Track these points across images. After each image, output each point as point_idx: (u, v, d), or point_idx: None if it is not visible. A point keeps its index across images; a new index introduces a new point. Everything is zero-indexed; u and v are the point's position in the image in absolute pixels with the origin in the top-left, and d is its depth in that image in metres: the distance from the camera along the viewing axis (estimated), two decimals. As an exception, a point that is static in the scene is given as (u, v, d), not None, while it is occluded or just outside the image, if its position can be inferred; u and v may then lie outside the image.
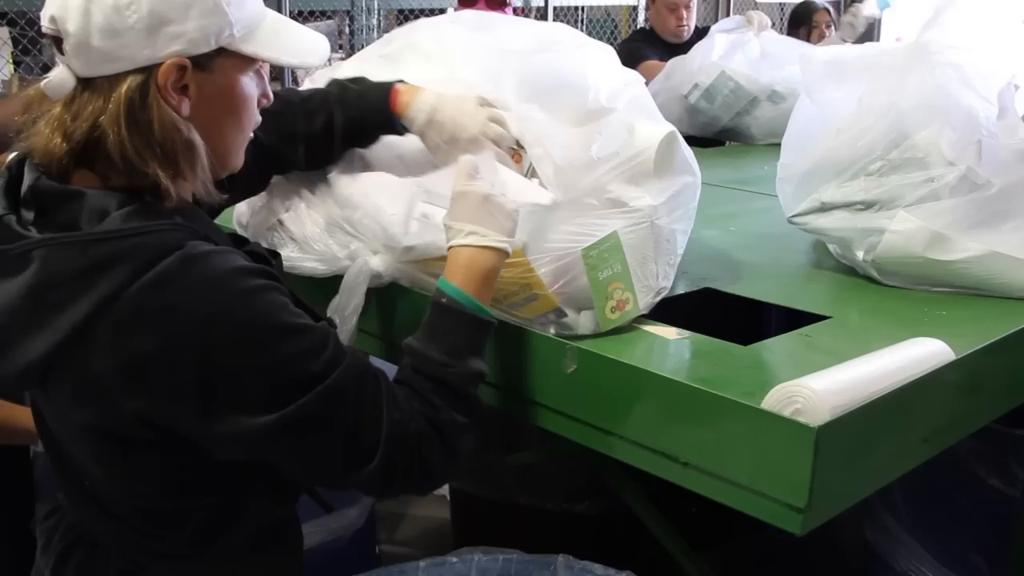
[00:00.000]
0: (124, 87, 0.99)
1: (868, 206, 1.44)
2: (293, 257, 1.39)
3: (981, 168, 1.38)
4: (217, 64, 1.04)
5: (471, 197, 1.15)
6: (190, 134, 1.02)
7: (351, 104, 1.38)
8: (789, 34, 4.66)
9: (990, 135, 1.40)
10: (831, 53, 1.63)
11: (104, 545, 1.14)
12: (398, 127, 1.38)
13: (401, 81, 1.39)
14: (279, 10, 4.60)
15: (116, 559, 1.13)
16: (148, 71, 1.00)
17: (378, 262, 1.31)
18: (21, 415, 1.48)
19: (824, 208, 1.48)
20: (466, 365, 1.09)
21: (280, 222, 1.44)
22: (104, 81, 0.99)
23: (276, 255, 1.27)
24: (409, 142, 1.41)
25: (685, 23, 3.74)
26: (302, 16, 4.96)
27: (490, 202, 1.15)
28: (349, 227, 1.35)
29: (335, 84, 1.42)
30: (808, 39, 4.48)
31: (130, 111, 0.99)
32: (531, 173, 1.33)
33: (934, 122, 1.39)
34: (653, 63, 3.44)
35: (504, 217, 1.15)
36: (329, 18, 5.08)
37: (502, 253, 1.14)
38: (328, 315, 1.31)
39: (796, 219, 1.53)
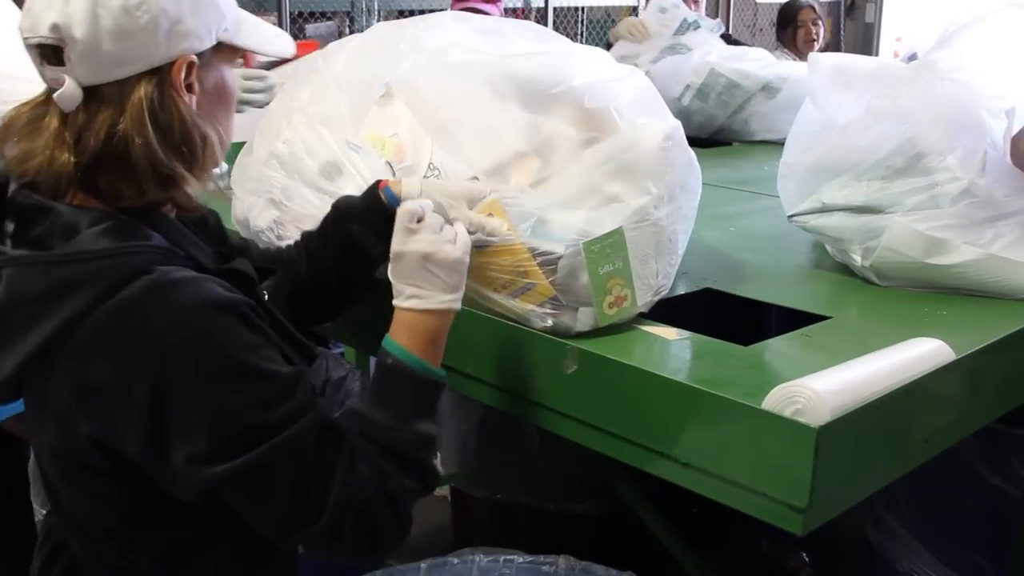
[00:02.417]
0: (140, 90, 0.97)
1: (868, 210, 1.44)
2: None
3: (984, 180, 1.37)
4: (214, 58, 1.04)
5: (410, 257, 1.09)
6: (204, 127, 1.02)
7: (340, 203, 1.30)
8: (778, 35, 4.68)
9: (996, 148, 1.41)
10: (839, 59, 1.63)
11: (79, 556, 1.12)
12: (389, 201, 1.24)
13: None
14: (279, 11, 4.59)
15: (91, 571, 1.11)
16: (160, 72, 0.99)
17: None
18: None
19: (825, 209, 1.48)
20: (414, 428, 1.05)
21: (280, 220, 1.44)
22: (111, 88, 0.97)
23: (271, 272, 1.24)
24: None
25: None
26: (302, 17, 4.96)
27: (431, 260, 1.08)
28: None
29: None
30: (795, 39, 4.51)
31: (152, 112, 0.97)
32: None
33: (940, 130, 1.39)
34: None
35: (447, 273, 1.08)
36: (329, 19, 5.08)
37: (447, 314, 1.10)
38: None
39: (796, 218, 1.53)
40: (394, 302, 1.10)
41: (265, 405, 0.95)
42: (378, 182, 1.27)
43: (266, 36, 1.11)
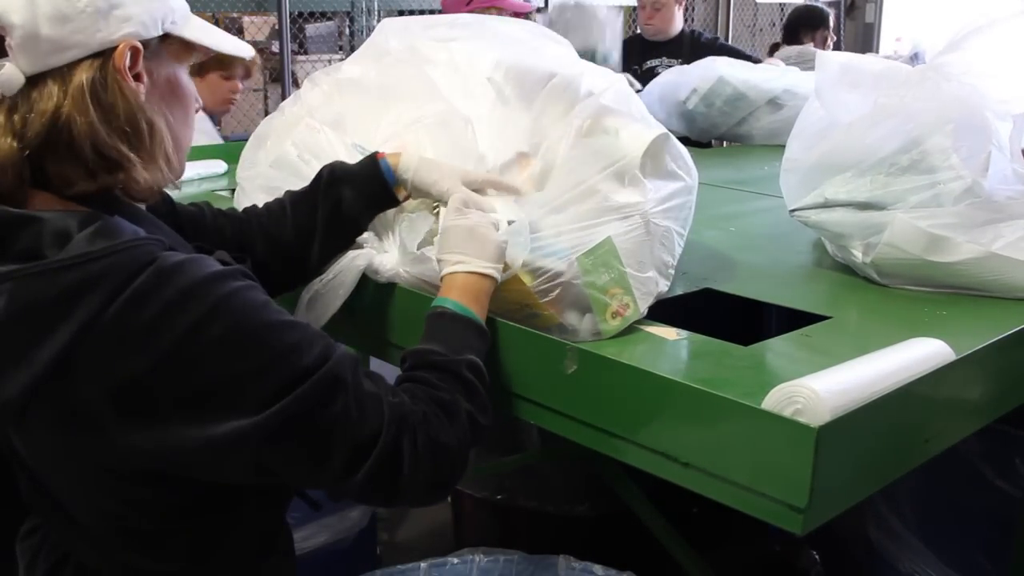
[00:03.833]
0: (82, 74, 0.97)
1: (870, 207, 1.44)
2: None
3: (987, 182, 1.38)
4: (164, 51, 1.06)
5: (457, 231, 1.20)
6: (152, 115, 1.02)
7: (336, 166, 1.36)
8: (797, 37, 4.72)
9: (1001, 150, 1.41)
10: (847, 58, 1.63)
11: (92, 566, 1.10)
12: (385, 173, 1.33)
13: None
14: (279, 11, 4.59)
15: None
16: (103, 56, 0.99)
17: (383, 261, 1.31)
18: None
19: (827, 204, 1.48)
20: (466, 356, 1.10)
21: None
22: (55, 74, 0.97)
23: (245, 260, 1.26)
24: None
25: (648, 22, 3.97)
26: (302, 17, 4.96)
27: (475, 233, 1.19)
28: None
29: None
30: (824, 45, 4.60)
31: (94, 93, 0.97)
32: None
33: (946, 130, 1.40)
34: None
35: (490, 246, 1.19)
36: (329, 19, 5.08)
37: (491, 279, 1.18)
38: (311, 291, 1.32)
39: (798, 213, 1.53)
40: (442, 272, 1.19)
41: (295, 351, 0.97)
42: (376, 153, 1.33)
43: (217, 36, 1.12)
